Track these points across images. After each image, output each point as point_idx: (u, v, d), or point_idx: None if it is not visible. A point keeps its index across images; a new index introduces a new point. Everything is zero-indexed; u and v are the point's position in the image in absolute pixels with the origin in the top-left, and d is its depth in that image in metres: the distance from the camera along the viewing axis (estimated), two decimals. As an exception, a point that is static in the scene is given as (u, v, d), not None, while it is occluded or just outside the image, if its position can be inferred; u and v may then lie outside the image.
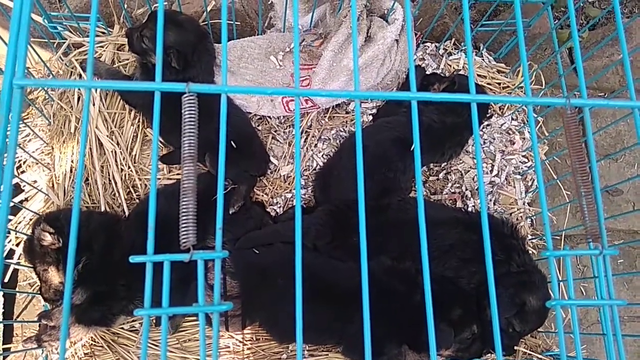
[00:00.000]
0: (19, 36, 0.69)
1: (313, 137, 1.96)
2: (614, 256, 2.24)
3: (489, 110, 2.03)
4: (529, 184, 2.04)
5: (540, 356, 1.83)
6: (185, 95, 0.71)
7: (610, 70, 2.32)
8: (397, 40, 1.84)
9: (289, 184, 1.92)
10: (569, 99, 0.75)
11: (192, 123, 0.70)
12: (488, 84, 2.08)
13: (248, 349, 1.80)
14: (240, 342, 1.80)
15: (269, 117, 1.96)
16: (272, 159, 1.93)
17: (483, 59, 2.13)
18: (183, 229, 0.66)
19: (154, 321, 1.78)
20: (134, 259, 0.65)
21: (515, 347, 1.79)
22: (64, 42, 1.92)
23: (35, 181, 1.88)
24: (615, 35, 2.14)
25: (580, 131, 0.76)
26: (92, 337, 1.78)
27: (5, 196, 0.69)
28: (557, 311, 0.70)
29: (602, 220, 0.73)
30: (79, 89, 1.85)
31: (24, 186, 1.85)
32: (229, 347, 1.80)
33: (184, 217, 0.67)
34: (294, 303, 1.42)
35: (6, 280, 1.83)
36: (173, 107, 0.82)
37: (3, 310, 1.85)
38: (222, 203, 0.69)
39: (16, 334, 1.88)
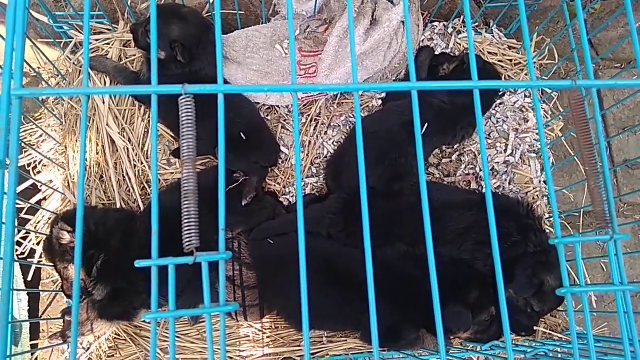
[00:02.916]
0: (15, 46, 0.69)
1: (322, 124, 1.94)
2: (635, 230, 2.20)
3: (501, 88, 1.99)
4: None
5: (560, 335, 1.82)
6: (181, 97, 0.70)
7: (626, 40, 2.25)
8: (402, 22, 1.81)
9: (300, 172, 1.92)
10: (575, 81, 0.73)
11: (190, 125, 0.70)
12: (499, 60, 2.03)
13: (267, 337, 1.82)
14: (259, 330, 1.82)
15: (278, 106, 1.95)
16: (282, 148, 1.93)
17: (493, 36, 2.08)
18: (186, 232, 0.67)
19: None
20: (138, 263, 0.66)
21: (535, 327, 1.78)
22: (70, 41, 1.93)
23: (50, 181, 1.91)
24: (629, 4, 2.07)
25: (586, 113, 0.74)
26: (115, 331, 1.82)
27: (9, 206, 0.70)
28: (567, 299, 0.69)
29: (612, 204, 0.71)
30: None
31: (41, 186, 1.88)
32: (248, 335, 1.82)
33: (186, 220, 0.67)
34: (310, 291, 1.43)
35: (29, 278, 1.88)
36: (177, 102, 0.82)
37: (28, 307, 1.89)
38: (223, 204, 0.69)
39: (42, 329, 1.93)
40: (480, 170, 1.94)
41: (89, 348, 1.80)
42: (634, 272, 2.10)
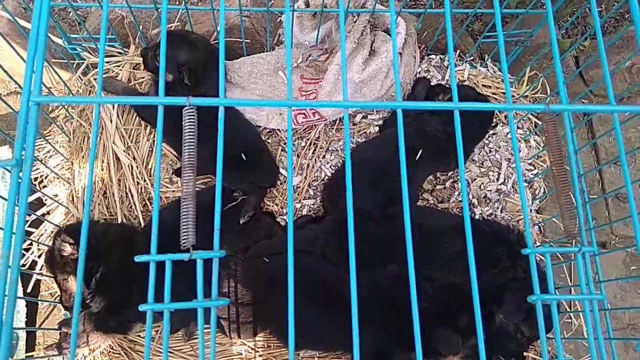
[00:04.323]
0: (36, 57, 0.76)
1: (321, 148, 2.01)
2: (627, 263, 2.24)
3: (494, 120, 2.06)
4: (536, 191, 2.05)
5: (549, 362, 1.83)
6: (185, 108, 0.77)
7: (618, 78, 2.34)
8: (400, 54, 1.90)
9: (298, 194, 1.98)
10: (548, 105, 0.79)
11: (192, 133, 0.76)
12: (493, 93, 2.11)
13: (260, 355, 1.84)
14: (252, 349, 1.85)
15: (278, 130, 2.02)
16: (282, 170, 1.99)
17: (488, 70, 2.16)
18: (183, 231, 0.72)
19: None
20: (138, 258, 0.71)
21: (525, 354, 1.80)
22: (82, 63, 2.02)
23: (56, 195, 1.97)
24: (617, 42, 2.16)
25: (558, 134, 0.80)
26: (110, 345, 1.84)
27: (22, 206, 0.76)
28: (537, 307, 0.74)
29: (581, 219, 0.77)
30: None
31: (46, 200, 1.94)
32: (241, 354, 1.85)
33: (184, 219, 0.72)
34: (303, 310, 1.45)
35: (29, 290, 1.91)
36: (181, 123, 0.88)
37: (26, 319, 1.92)
38: (219, 205, 0.74)
39: (38, 342, 1.95)
40: (473, 197, 1.99)
41: (83, 361, 1.83)
42: (624, 303, 2.12)
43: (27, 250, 1.92)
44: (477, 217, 1.98)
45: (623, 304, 2.14)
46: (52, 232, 1.92)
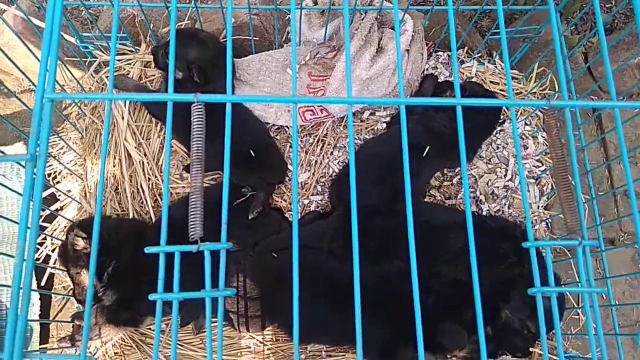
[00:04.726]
0: (49, 55, 0.79)
1: (329, 145, 2.03)
2: (635, 260, 2.23)
3: (502, 116, 2.07)
4: (544, 187, 2.06)
5: (556, 358, 1.84)
6: (193, 105, 0.79)
7: (627, 74, 2.33)
8: (407, 50, 1.91)
9: (306, 190, 2.00)
10: (550, 100, 0.80)
11: (200, 129, 0.78)
12: (501, 90, 2.11)
13: (268, 349, 1.87)
14: (260, 342, 1.87)
15: (287, 126, 2.04)
16: (290, 166, 2.01)
17: (496, 66, 2.17)
18: (191, 223, 0.74)
19: (179, 323, 1.86)
20: (148, 250, 0.74)
21: (531, 349, 1.81)
22: (94, 61, 2.06)
23: (69, 191, 2.01)
24: (626, 38, 2.15)
25: (559, 128, 0.81)
26: (121, 337, 1.88)
27: (36, 201, 0.78)
28: (537, 299, 0.75)
29: (581, 213, 0.78)
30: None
31: (59, 195, 1.98)
32: (249, 347, 1.87)
33: (192, 212, 0.75)
34: (310, 305, 1.47)
35: (43, 283, 1.95)
36: (190, 120, 0.90)
37: (40, 312, 1.97)
38: (227, 199, 0.76)
39: (52, 334, 2.00)
40: (480, 193, 2.00)
41: (95, 353, 1.86)
42: (633, 299, 2.12)
43: (41, 244, 1.96)
44: (484, 213, 1.99)
45: (632, 301, 2.14)
46: (65, 226, 1.96)
